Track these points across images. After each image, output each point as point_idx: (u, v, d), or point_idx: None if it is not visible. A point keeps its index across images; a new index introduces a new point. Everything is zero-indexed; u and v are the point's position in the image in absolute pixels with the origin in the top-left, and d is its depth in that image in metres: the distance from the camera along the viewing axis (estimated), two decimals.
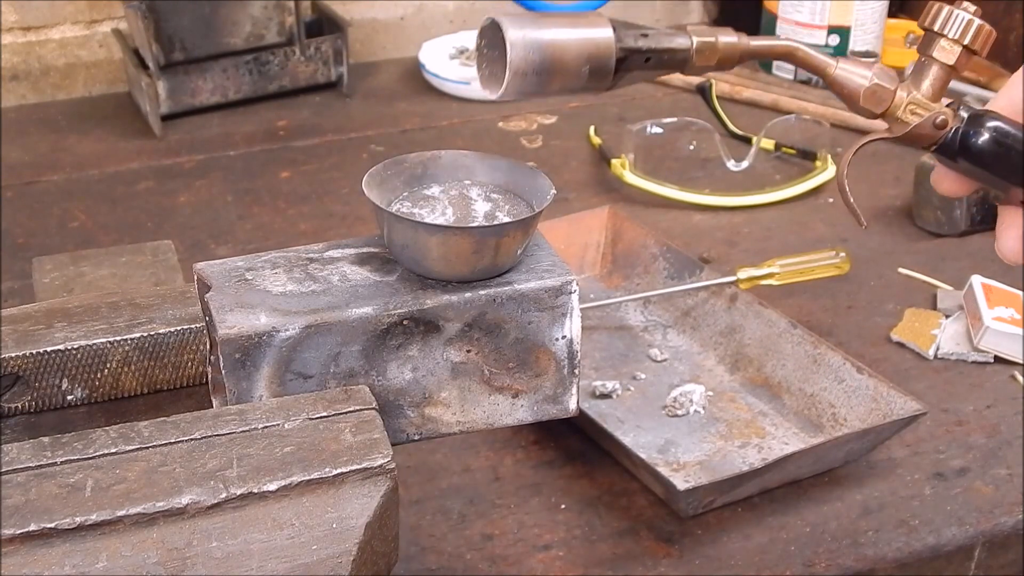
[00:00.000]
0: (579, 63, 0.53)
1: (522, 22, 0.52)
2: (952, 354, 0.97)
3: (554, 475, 0.85)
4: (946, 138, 0.58)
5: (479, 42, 0.55)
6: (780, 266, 0.99)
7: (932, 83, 0.58)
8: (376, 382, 0.60)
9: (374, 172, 0.61)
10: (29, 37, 1.43)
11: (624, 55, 0.54)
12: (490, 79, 0.55)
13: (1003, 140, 0.58)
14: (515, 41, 0.52)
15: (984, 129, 0.58)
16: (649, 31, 0.55)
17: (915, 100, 0.58)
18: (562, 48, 0.52)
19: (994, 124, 0.58)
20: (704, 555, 0.79)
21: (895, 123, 0.59)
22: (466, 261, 0.59)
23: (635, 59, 0.54)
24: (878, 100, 0.58)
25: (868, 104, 0.58)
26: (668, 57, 0.55)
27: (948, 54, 0.58)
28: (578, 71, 0.53)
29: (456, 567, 0.77)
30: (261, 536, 0.53)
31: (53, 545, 0.50)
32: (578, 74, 0.53)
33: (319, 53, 1.41)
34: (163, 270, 0.80)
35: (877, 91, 0.58)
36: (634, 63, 0.54)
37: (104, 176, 1.27)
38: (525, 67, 0.52)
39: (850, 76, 0.58)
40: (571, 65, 0.52)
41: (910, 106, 0.58)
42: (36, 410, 0.64)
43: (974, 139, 0.58)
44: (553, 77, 0.53)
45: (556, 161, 1.30)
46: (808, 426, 0.88)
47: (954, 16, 0.57)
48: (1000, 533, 0.81)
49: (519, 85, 0.52)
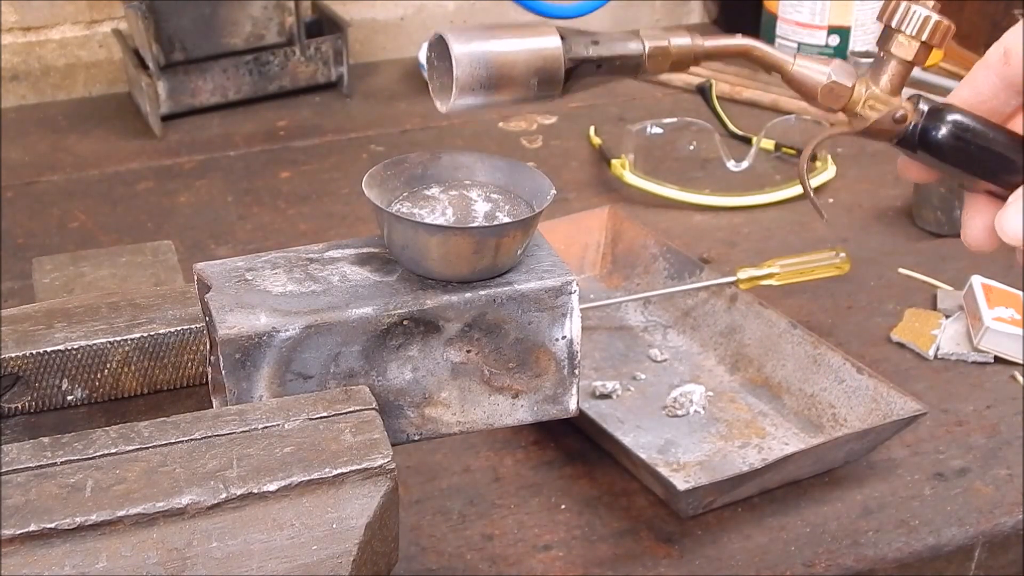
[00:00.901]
0: (527, 76, 0.53)
1: (469, 36, 0.52)
2: (952, 354, 0.97)
3: (554, 475, 0.85)
4: (906, 132, 0.58)
5: (429, 54, 0.54)
6: (780, 266, 0.99)
7: (891, 78, 0.59)
8: (376, 382, 0.60)
9: (374, 172, 0.61)
10: (29, 37, 1.43)
11: (574, 64, 0.54)
12: (440, 91, 0.54)
13: (962, 135, 0.58)
14: (460, 57, 0.52)
15: (943, 123, 0.58)
16: (601, 38, 0.55)
17: (874, 95, 0.58)
18: (510, 62, 0.52)
19: (953, 118, 0.58)
20: (704, 555, 0.79)
21: (855, 118, 0.59)
22: (466, 261, 0.59)
23: (586, 67, 0.54)
24: (836, 97, 0.58)
25: (826, 101, 0.58)
26: (620, 63, 0.55)
27: (906, 50, 0.58)
28: (526, 83, 0.53)
29: (456, 567, 0.77)
30: (261, 536, 0.53)
31: (53, 545, 0.50)
32: (527, 85, 0.53)
33: (319, 53, 1.41)
34: (163, 270, 0.80)
35: (835, 88, 0.58)
36: (584, 71, 0.54)
37: (104, 176, 1.27)
38: (472, 82, 0.52)
39: (808, 73, 0.58)
40: (519, 78, 0.52)
41: (869, 101, 0.58)
42: (36, 410, 0.64)
43: (933, 133, 0.58)
44: (501, 90, 0.53)
45: (556, 161, 1.30)
46: (808, 426, 0.88)
47: (911, 12, 0.57)
48: (1000, 533, 0.81)
49: (467, 99, 0.52)
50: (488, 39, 0.52)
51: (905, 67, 0.59)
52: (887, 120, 0.58)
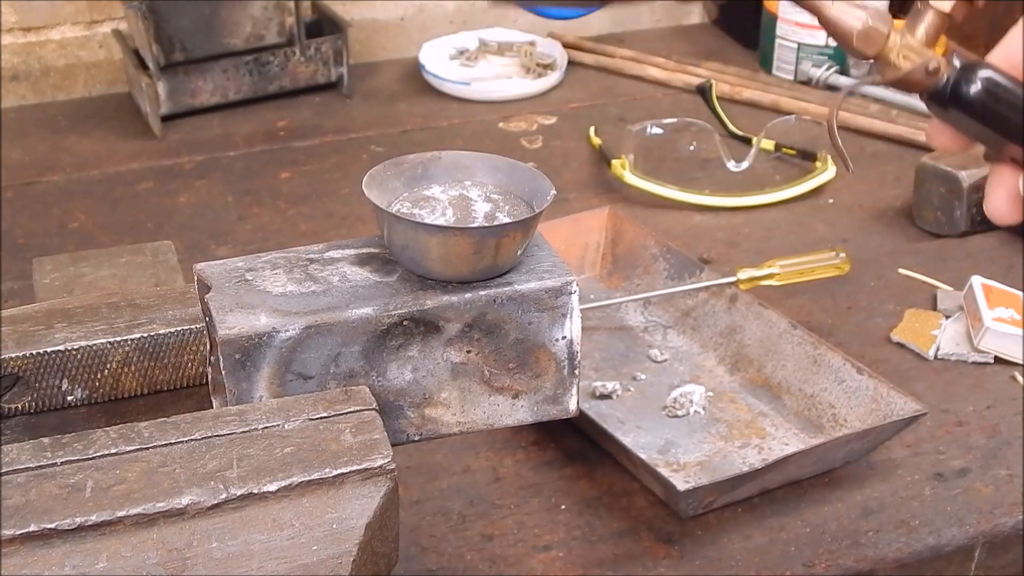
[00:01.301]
0: None
1: None
2: (952, 355, 0.97)
3: (554, 476, 0.85)
4: (937, 86, 0.58)
5: None
6: (780, 267, 0.99)
7: (927, 29, 0.58)
8: (376, 383, 0.60)
9: (374, 172, 0.61)
10: (29, 38, 1.43)
11: None
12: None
13: (995, 91, 0.57)
14: None
15: (977, 79, 0.57)
16: None
17: (908, 45, 0.58)
18: None
19: (987, 75, 0.57)
20: (704, 556, 0.79)
21: (887, 67, 0.58)
22: (466, 262, 0.59)
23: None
24: (871, 42, 0.57)
25: (861, 45, 0.57)
26: None
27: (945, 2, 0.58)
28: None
29: (456, 567, 0.77)
30: (261, 537, 0.53)
31: (53, 546, 0.50)
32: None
33: (319, 54, 1.41)
34: (163, 271, 0.80)
35: (871, 32, 0.57)
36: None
37: (104, 177, 1.27)
38: None
39: (844, 16, 0.57)
40: None
41: (903, 50, 0.58)
42: (36, 411, 0.64)
43: (966, 88, 0.57)
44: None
45: (556, 162, 1.30)
46: (808, 427, 0.88)
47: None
48: (1000, 534, 0.81)
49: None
50: None
51: (942, 20, 0.58)
52: (920, 71, 0.57)
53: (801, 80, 1.47)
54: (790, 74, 1.48)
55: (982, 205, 1.13)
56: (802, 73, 1.46)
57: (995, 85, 0.57)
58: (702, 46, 1.58)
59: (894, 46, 0.57)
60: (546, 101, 1.44)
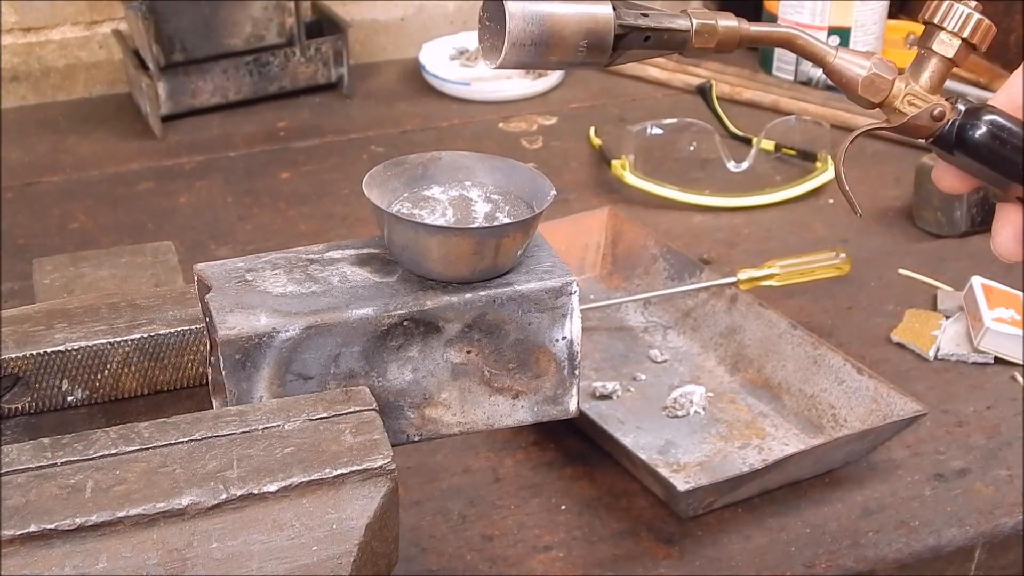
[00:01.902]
0: (577, 38, 0.53)
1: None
2: (952, 355, 0.97)
3: (554, 476, 0.85)
4: (943, 130, 0.58)
5: (481, 14, 0.55)
6: (780, 267, 0.99)
7: (931, 76, 0.58)
8: (376, 383, 0.60)
9: (374, 173, 0.61)
10: (29, 38, 1.43)
11: (623, 32, 0.54)
12: (490, 50, 0.55)
13: (999, 134, 0.58)
14: (515, 12, 0.52)
15: (981, 122, 0.58)
16: (650, 11, 0.55)
17: (913, 91, 0.58)
18: (561, 22, 0.53)
19: (991, 118, 0.58)
20: (704, 556, 0.79)
21: (893, 113, 0.59)
22: (466, 262, 0.59)
23: (634, 37, 0.55)
24: (876, 89, 0.58)
25: (866, 93, 0.58)
26: (668, 37, 0.55)
27: (947, 47, 0.58)
28: (576, 45, 0.53)
29: (456, 568, 0.77)
30: (261, 537, 0.53)
31: (53, 546, 0.50)
32: (576, 48, 0.53)
33: (319, 54, 1.41)
34: (163, 271, 0.80)
35: (875, 80, 0.58)
36: (633, 41, 0.55)
37: (104, 177, 1.27)
38: (524, 38, 0.52)
39: (849, 65, 0.58)
40: (569, 40, 0.53)
41: (908, 96, 0.58)
42: (36, 411, 0.64)
43: (971, 132, 0.58)
44: (551, 50, 0.53)
45: (556, 162, 1.30)
46: (808, 427, 0.88)
47: (954, 9, 0.57)
48: (1000, 534, 0.81)
49: (517, 56, 0.53)
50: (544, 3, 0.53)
51: (946, 65, 0.58)
52: (925, 116, 0.58)
53: (801, 80, 1.47)
54: (790, 74, 1.48)
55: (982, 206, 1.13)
56: (802, 73, 1.46)
57: (999, 128, 0.58)
58: None
59: (899, 93, 0.58)
60: (546, 101, 1.44)
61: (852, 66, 0.58)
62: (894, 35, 1.53)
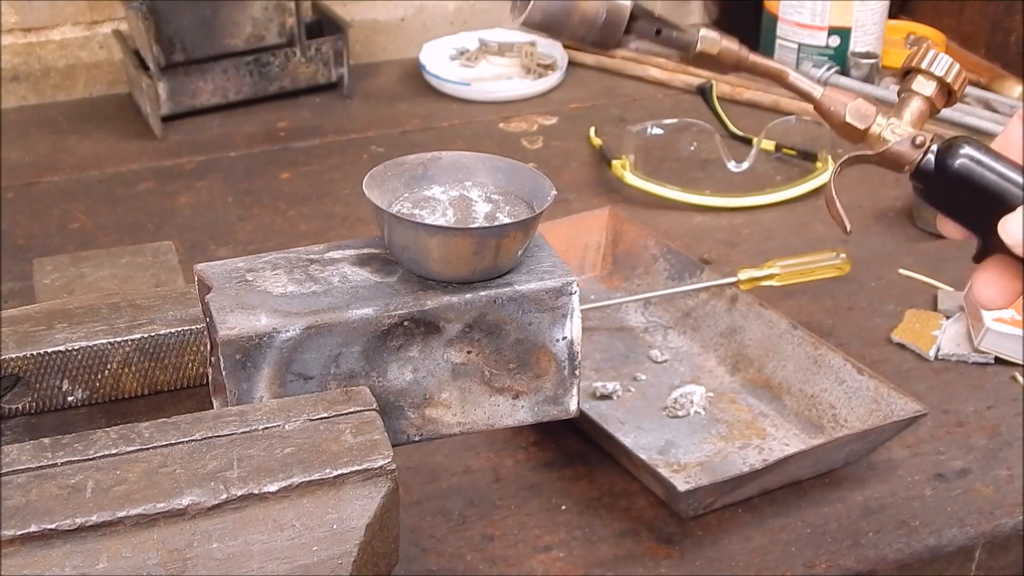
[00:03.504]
0: (596, 13, 0.58)
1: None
2: (953, 355, 0.97)
3: (554, 476, 0.85)
4: (924, 159, 0.61)
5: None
6: (781, 267, 0.99)
7: (911, 113, 0.62)
8: (376, 383, 0.60)
9: (374, 173, 0.61)
10: (29, 38, 1.43)
11: (638, 15, 0.59)
12: (515, 9, 0.60)
13: (981, 157, 0.60)
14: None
15: (960, 149, 0.60)
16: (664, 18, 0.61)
17: (895, 124, 0.61)
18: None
19: (970, 147, 0.60)
20: (704, 556, 0.79)
21: (876, 141, 0.62)
22: (466, 262, 0.59)
23: (646, 27, 0.60)
24: (861, 116, 0.61)
25: (852, 119, 0.61)
26: (676, 36, 0.60)
27: (926, 87, 0.61)
28: (594, 20, 0.58)
29: (456, 568, 0.77)
30: (262, 537, 0.53)
31: (54, 546, 0.50)
32: (592, 23, 0.58)
33: (319, 54, 1.41)
34: (163, 271, 0.80)
35: (860, 108, 0.61)
36: (645, 30, 0.60)
37: (104, 177, 1.27)
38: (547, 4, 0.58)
39: (835, 99, 0.62)
40: (588, 12, 0.58)
41: (891, 127, 0.61)
42: (37, 411, 0.64)
43: (950, 159, 0.60)
44: (570, 18, 0.58)
45: (556, 162, 1.30)
46: (808, 427, 0.88)
47: (938, 57, 0.61)
48: (1001, 534, 0.81)
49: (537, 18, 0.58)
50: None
51: (925, 105, 0.61)
52: (907, 144, 0.61)
53: None
54: None
55: None
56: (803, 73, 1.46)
57: (981, 152, 0.60)
58: None
59: (883, 124, 0.61)
60: (546, 101, 1.44)
61: (839, 96, 0.62)
62: (894, 35, 1.53)
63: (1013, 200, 0.58)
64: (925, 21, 1.58)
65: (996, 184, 0.59)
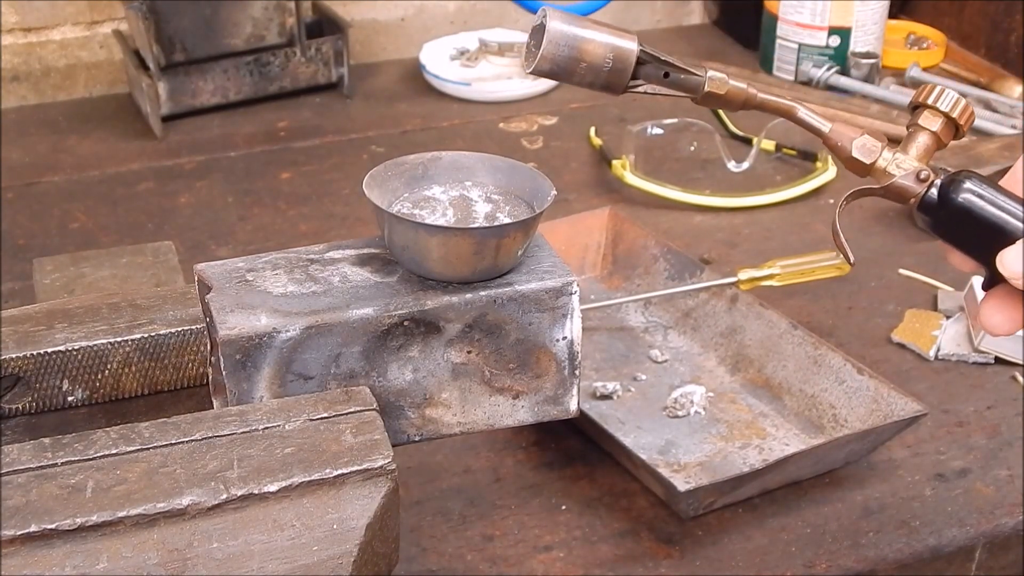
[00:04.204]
0: (605, 52, 0.59)
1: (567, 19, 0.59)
2: (953, 355, 0.97)
3: (555, 476, 0.85)
4: (928, 192, 0.62)
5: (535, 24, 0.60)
6: (781, 267, 0.99)
7: (917, 148, 0.63)
8: (377, 383, 0.61)
9: (375, 173, 0.61)
10: (30, 38, 1.43)
11: (646, 60, 0.60)
12: (528, 56, 0.60)
13: (983, 192, 0.61)
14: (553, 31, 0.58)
15: (963, 182, 0.61)
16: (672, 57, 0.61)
17: (901, 159, 0.62)
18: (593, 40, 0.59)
19: (974, 181, 0.61)
20: (705, 556, 0.79)
21: (882, 176, 0.63)
22: (467, 262, 0.59)
23: (653, 70, 0.61)
24: (867, 151, 0.62)
25: (859, 154, 0.63)
26: (684, 78, 0.62)
27: (933, 122, 0.62)
28: (602, 61, 0.59)
29: (457, 568, 0.77)
30: (262, 537, 0.53)
31: (54, 546, 0.50)
32: (601, 65, 0.59)
33: (320, 54, 1.41)
34: (164, 271, 0.80)
35: (867, 143, 0.63)
36: (652, 73, 0.61)
37: (105, 177, 1.27)
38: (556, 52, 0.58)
39: (843, 131, 0.63)
40: (597, 54, 0.59)
41: (896, 161, 0.62)
42: (37, 411, 0.64)
43: (953, 192, 0.61)
44: (579, 61, 0.59)
45: (556, 162, 1.30)
46: (809, 427, 0.88)
47: (945, 92, 0.62)
48: (1001, 534, 0.81)
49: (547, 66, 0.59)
50: (581, 26, 0.59)
51: (932, 140, 0.63)
52: (911, 177, 0.62)
53: (802, 81, 1.47)
54: (791, 75, 1.48)
55: None
56: (803, 74, 1.46)
57: (984, 186, 0.61)
58: (702, 46, 1.58)
59: (888, 159, 0.62)
60: (546, 101, 1.44)
61: (846, 131, 0.63)
62: (894, 35, 1.53)
63: (1013, 233, 0.60)
64: (925, 21, 1.58)
65: (997, 217, 0.60)
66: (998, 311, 0.62)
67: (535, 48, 0.59)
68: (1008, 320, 0.62)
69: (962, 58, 1.51)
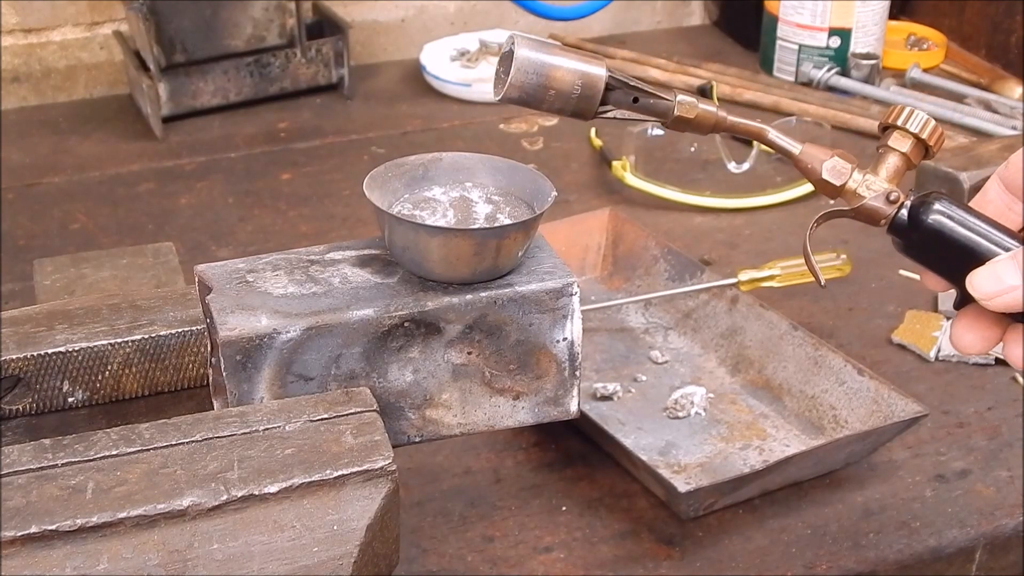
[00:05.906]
0: (571, 86, 0.59)
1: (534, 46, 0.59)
2: (953, 356, 0.97)
3: (555, 477, 0.85)
4: (898, 213, 0.62)
5: (505, 49, 0.59)
6: (781, 268, 0.99)
7: (887, 169, 0.63)
8: (377, 384, 0.61)
9: (375, 174, 0.61)
10: (30, 39, 1.43)
11: (614, 86, 0.60)
12: (497, 84, 0.60)
13: (952, 212, 0.61)
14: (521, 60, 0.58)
15: (933, 207, 0.61)
16: (643, 83, 0.61)
17: (871, 181, 0.62)
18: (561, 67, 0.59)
19: (943, 201, 0.61)
20: (705, 557, 0.79)
21: (853, 198, 0.63)
22: (467, 263, 0.59)
23: (622, 96, 0.61)
24: (837, 173, 0.62)
25: (829, 176, 0.62)
26: (653, 103, 0.61)
27: (903, 143, 0.62)
28: (571, 88, 0.59)
29: (457, 569, 0.77)
30: (262, 538, 0.53)
31: (54, 547, 0.50)
32: (570, 91, 0.59)
33: (320, 55, 1.41)
34: (164, 272, 0.80)
35: (837, 165, 0.63)
36: (621, 99, 0.61)
37: (105, 178, 1.27)
38: (524, 80, 0.58)
39: (813, 156, 0.63)
40: (566, 80, 0.59)
41: (867, 183, 0.62)
42: (37, 412, 0.64)
43: (923, 215, 0.61)
44: (547, 88, 0.59)
45: (557, 163, 1.30)
46: (809, 428, 0.88)
47: (914, 114, 0.62)
48: (1001, 535, 0.81)
49: (516, 95, 0.58)
50: (549, 53, 0.59)
51: (901, 160, 0.63)
52: (881, 199, 0.62)
53: (802, 81, 1.47)
54: (791, 75, 1.48)
55: None
56: (803, 74, 1.46)
57: (953, 206, 0.61)
58: (703, 47, 1.58)
59: (859, 180, 0.63)
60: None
61: (816, 157, 0.63)
62: (894, 36, 1.53)
63: (983, 254, 0.60)
64: (925, 22, 1.58)
65: (967, 239, 0.61)
66: (969, 331, 0.63)
67: (504, 75, 0.59)
68: (980, 339, 0.62)
69: (962, 59, 1.51)
